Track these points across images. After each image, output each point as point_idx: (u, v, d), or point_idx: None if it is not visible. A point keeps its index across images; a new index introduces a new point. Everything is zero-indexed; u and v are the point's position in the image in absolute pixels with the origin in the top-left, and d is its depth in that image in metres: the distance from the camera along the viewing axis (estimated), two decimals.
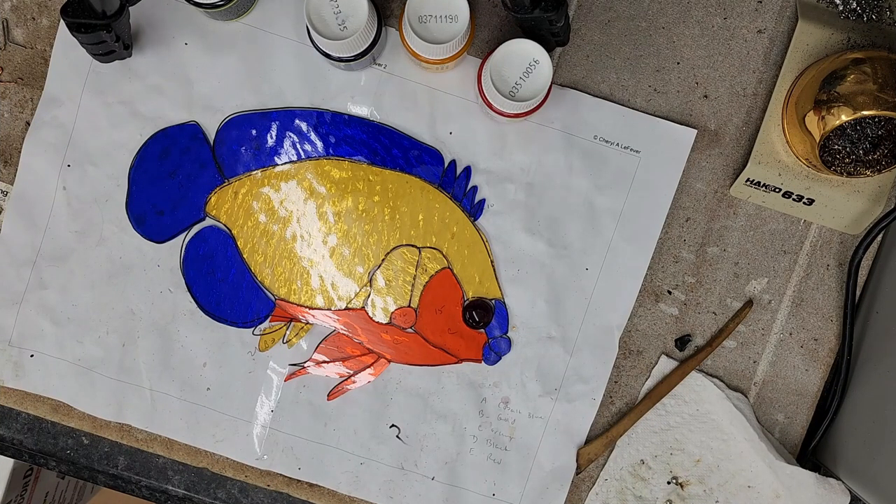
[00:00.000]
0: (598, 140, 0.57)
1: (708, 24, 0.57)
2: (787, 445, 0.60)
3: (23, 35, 0.58)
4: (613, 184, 0.58)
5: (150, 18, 0.57)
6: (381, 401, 0.59)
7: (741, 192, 0.58)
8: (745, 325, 0.59)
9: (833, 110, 0.51)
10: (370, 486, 0.59)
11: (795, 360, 0.59)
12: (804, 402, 0.59)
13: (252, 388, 0.59)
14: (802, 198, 0.57)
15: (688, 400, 0.59)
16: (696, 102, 0.58)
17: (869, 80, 0.51)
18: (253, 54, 0.57)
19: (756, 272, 0.59)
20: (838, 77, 0.51)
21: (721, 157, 0.58)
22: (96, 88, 0.57)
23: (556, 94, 0.57)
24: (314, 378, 0.59)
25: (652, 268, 0.58)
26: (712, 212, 0.58)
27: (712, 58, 0.58)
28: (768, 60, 0.58)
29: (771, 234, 0.58)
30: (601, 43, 0.58)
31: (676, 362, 0.59)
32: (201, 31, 0.57)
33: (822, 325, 0.59)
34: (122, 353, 0.59)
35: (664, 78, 0.58)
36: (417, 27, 0.51)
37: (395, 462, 0.59)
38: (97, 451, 0.60)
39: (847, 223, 0.58)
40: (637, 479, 0.59)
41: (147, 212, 0.58)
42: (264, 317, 0.59)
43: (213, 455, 0.59)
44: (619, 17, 0.57)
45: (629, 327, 0.59)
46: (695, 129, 0.57)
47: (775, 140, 0.56)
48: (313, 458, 0.59)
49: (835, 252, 0.59)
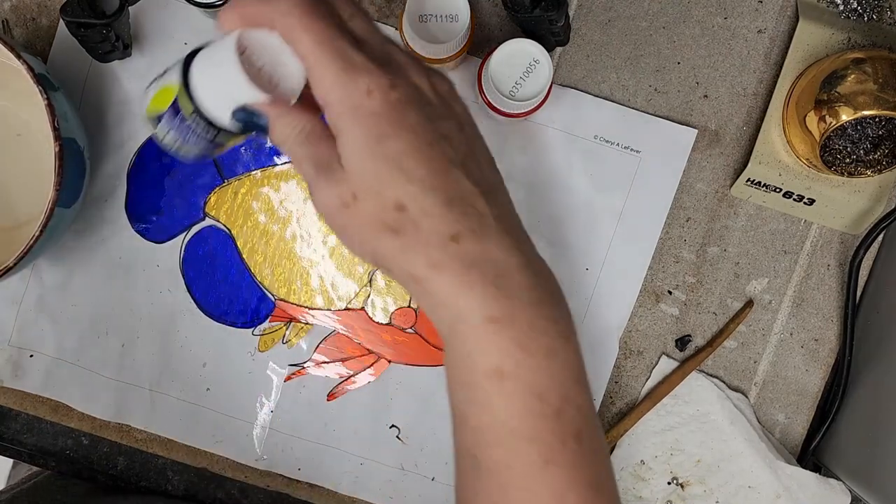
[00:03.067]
0: (598, 140, 0.57)
1: (708, 24, 0.57)
2: (787, 446, 0.60)
3: (22, 35, 0.58)
4: (614, 184, 0.57)
5: (150, 18, 0.57)
6: (382, 401, 0.59)
7: (742, 192, 0.58)
8: (746, 325, 0.59)
9: (834, 110, 0.51)
10: (370, 486, 0.59)
11: (796, 360, 0.59)
12: (805, 403, 0.59)
13: (252, 388, 0.59)
14: (803, 198, 0.57)
15: (688, 400, 0.59)
16: (696, 102, 0.58)
17: (869, 79, 0.50)
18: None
19: (756, 272, 0.58)
20: (839, 77, 0.51)
21: (721, 157, 0.58)
22: (95, 88, 0.57)
23: (557, 94, 0.57)
24: (314, 378, 0.59)
25: (652, 268, 0.58)
26: (713, 212, 0.58)
27: (713, 57, 0.57)
28: (769, 60, 0.58)
29: (771, 234, 0.58)
30: (601, 43, 0.57)
31: (677, 362, 0.59)
32: (200, 31, 0.57)
33: (822, 325, 0.59)
34: (122, 353, 0.59)
35: (664, 78, 0.57)
36: (417, 26, 0.51)
37: (395, 462, 0.59)
38: (96, 451, 0.60)
39: (848, 223, 0.58)
40: (637, 479, 0.59)
41: (146, 212, 0.58)
42: (264, 317, 0.59)
43: (212, 455, 0.59)
44: (620, 17, 0.57)
45: (629, 327, 0.59)
46: (695, 129, 0.57)
47: (776, 140, 0.56)
48: (313, 458, 0.59)
49: (835, 252, 0.59)
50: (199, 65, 0.37)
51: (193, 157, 0.40)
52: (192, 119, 0.37)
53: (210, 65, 0.37)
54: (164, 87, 0.38)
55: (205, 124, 0.37)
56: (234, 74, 0.35)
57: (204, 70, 0.37)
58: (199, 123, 0.37)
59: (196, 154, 0.39)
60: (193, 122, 0.37)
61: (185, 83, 0.37)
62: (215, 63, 0.36)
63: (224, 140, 0.39)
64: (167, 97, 0.38)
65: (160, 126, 0.38)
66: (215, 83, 0.36)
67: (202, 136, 0.38)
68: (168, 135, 0.38)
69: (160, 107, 0.38)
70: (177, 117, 0.38)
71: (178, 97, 0.37)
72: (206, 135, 0.38)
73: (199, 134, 0.38)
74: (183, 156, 0.39)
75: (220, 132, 0.38)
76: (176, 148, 0.39)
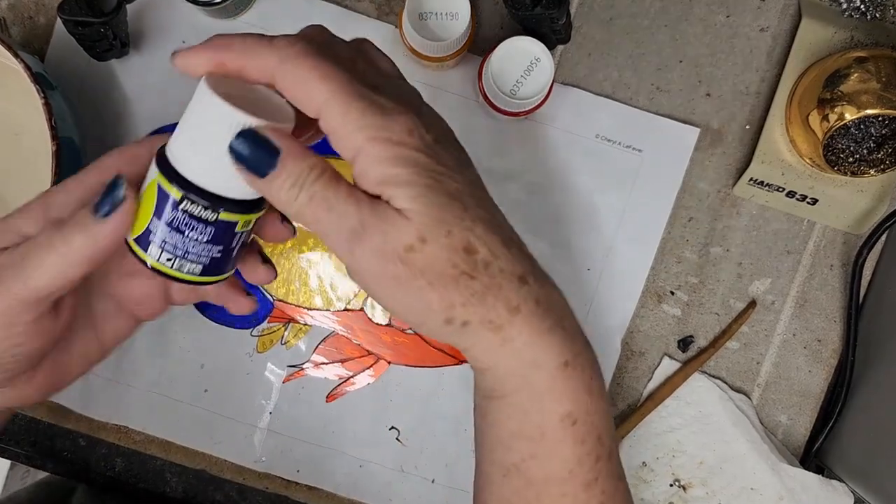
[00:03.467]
0: (599, 139, 0.57)
1: (710, 22, 0.57)
2: (790, 447, 0.59)
3: (19, 33, 0.58)
4: (615, 183, 0.57)
5: (148, 16, 0.57)
6: (381, 403, 0.59)
7: (744, 191, 0.57)
8: (749, 326, 0.58)
9: (836, 109, 0.51)
10: (370, 488, 0.59)
11: (799, 361, 0.59)
12: (808, 404, 0.59)
13: (250, 389, 0.58)
14: (806, 197, 0.57)
15: (690, 401, 0.58)
16: (698, 101, 0.57)
17: (872, 78, 0.50)
18: None
19: (759, 272, 0.58)
20: (842, 76, 0.51)
21: (724, 157, 0.58)
22: (93, 87, 0.57)
23: (558, 93, 0.56)
24: (313, 380, 0.58)
25: (654, 268, 0.58)
26: (715, 211, 0.58)
27: (715, 56, 0.57)
28: (771, 59, 0.57)
29: (774, 234, 0.58)
30: (603, 41, 0.57)
31: (679, 363, 0.58)
32: (199, 28, 0.57)
33: (825, 325, 0.58)
34: (120, 354, 0.58)
35: (666, 76, 0.57)
36: (417, 24, 0.51)
37: (394, 464, 0.59)
38: (94, 452, 0.60)
39: (851, 223, 0.57)
40: (639, 481, 0.59)
41: None
42: (262, 318, 0.58)
43: (211, 457, 0.59)
44: (621, 15, 0.57)
45: (631, 328, 0.58)
46: (697, 127, 0.57)
47: (779, 139, 0.56)
48: (312, 460, 0.59)
49: (839, 252, 0.58)
50: (174, 141, 0.32)
51: (209, 267, 0.33)
52: (186, 202, 0.31)
53: (186, 129, 0.31)
54: (144, 193, 0.32)
55: (203, 201, 0.31)
56: (217, 111, 0.30)
57: (180, 137, 0.31)
58: (195, 202, 0.31)
59: (207, 259, 0.33)
60: (188, 204, 0.31)
61: (164, 165, 0.31)
62: (191, 124, 0.31)
63: (231, 215, 0.32)
64: (149, 203, 0.32)
65: (151, 244, 0.32)
66: (198, 135, 0.31)
67: (205, 220, 0.31)
68: (164, 249, 0.32)
69: (144, 220, 0.32)
70: (164, 215, 0.31)
71: (160, 188, 0.31)
72: (210, 214, 0.31)
73: (201, 218, 0.31)
74: (192, 272, 0.33)
75: (224, 204, 0.32)
76: (178, 263, 0.32)
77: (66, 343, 0.37)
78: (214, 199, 0.31)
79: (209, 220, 0.32)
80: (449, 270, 0.31)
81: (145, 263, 0.32)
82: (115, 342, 0.40)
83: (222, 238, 0.32)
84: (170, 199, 0.31)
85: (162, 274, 0.33)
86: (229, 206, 0.32)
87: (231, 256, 0.34)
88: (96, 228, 0.32)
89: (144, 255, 0.32)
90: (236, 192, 0.32)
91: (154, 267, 0.32)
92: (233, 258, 0.34)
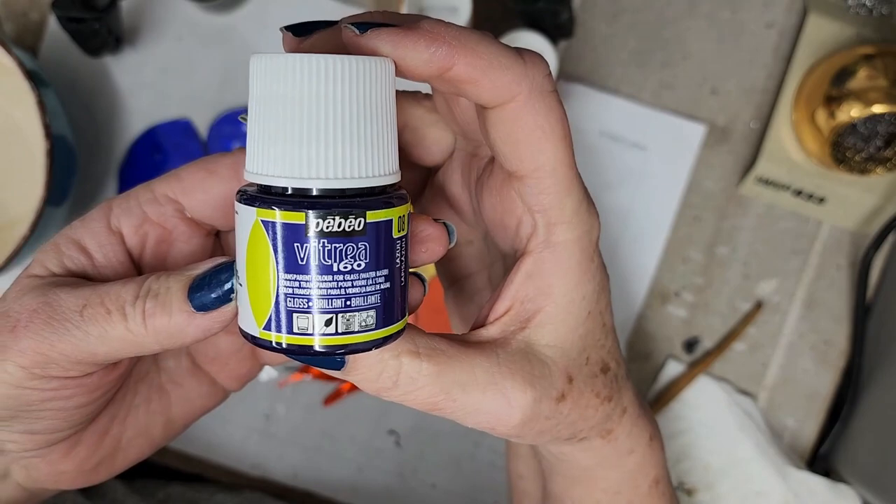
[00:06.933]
0: (603, 136, 0.56)
1: (716, 18, 0.56)
2: (797, 450, 0.59)
3: (12, 30, 0.57)
4: (619, 181, 0.56)
5: (142, 11, 0.56)
6: (380, 406, 0.58)
7: (751, 190, 0.57)
8: (755, 327, 0.58)
9: (844, 107, 0.51)
10: (368, 493, 0.58)
11: (806, 363, 0.58)
12: (815, 407, 0.58)
13: (246, 393, 0.58)
14: (813, 196, 0.56)
15: (695, 405, 0.58)
16: (704, 98, 0.57)
17: (880, 75, 0.50)
18: (247, 49, 0.56)
19: (766, 273, 0.57)
20: (849, 73, 0.51)
21: (730, 155, 0.57)
22: (86, 83, 0.56)
23: (561, 89, 0.56)
24: (310, 383, 0.58)
25: (659, 268, 0.57)
26: (721, 211, 0.57)
27: (721, 52, 0.57)
28: (777, 55, 0.57)
29: (781, 234, 0.57)
30: (607, 36, 0.56)
31: (684, 366, 0.58)
32: (194, 24, 0.56)
33: (833, 326, 0.58)
34: None
35: (672, 72, 0.56)
36: None
37: (394, 469, 0.58)
38: None
39: (859, 222, 0.57)
40: None
41: None
42: None
43: (206, 462, 0.58)
44: (626, 10, 0.56)
45: (635, 330, 0.58)
46: (703, 124, 0.56)
47: (785, 137, 0.55)
48: (309, 465, 0.58)
49: (846, 252, 0.57)
50: (253, 159, 0.22)
51: (382, 310, 0.22)
52: (323, 219, 0.21)
53: (268, 131, 0.22)
54: (245, 255, 0.22)
55: (341, 208, 0.21)
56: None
57: (262, 146, 0.22)
58: (333, 211, 0.21)
59: (376, 296, 0.22)
60: (327, 220, 0.21)
61: (264, 195, 0.21)
62: (277, 117, 0.21)
63: (379, 213, 0.22)
64: (262, 263, 0.21)
65: (295, 315, 0.21)
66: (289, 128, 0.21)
67: (354, 234, 0.21)
68: (320, 311, 0.21)
69: (264, 290, 0.21)
70: (294, 260, 0.21)
71: (272, 228, 0.21)
72: (356, 221, 0.21)
73: (349, 232, 0.21)
74: (366, 326, 0.21)
75: (360, 199, 0.21)
76: (345, 322, 0.21)
77: (119, 409, 0.29)
78: (347, 198, 0.21)
79: (358, 230, 0.21)
80: (592, 402, 0.27)
81: (302, 351, 0.21)
82: (185, 417, 0.31)
83: (380, 254, 0.21)
84: (299, 230, 0.20)
85: (327, 353, 0.21)
86: (368, 200, 0.21)
87: (399, 283, 0.22)
88: (192, 320, 0.23)
89: (292, 339, 0.21)
90: (358, 176, 0.21)
91: (319, 347, 0.21)
92: (402, 286, 0.23)
